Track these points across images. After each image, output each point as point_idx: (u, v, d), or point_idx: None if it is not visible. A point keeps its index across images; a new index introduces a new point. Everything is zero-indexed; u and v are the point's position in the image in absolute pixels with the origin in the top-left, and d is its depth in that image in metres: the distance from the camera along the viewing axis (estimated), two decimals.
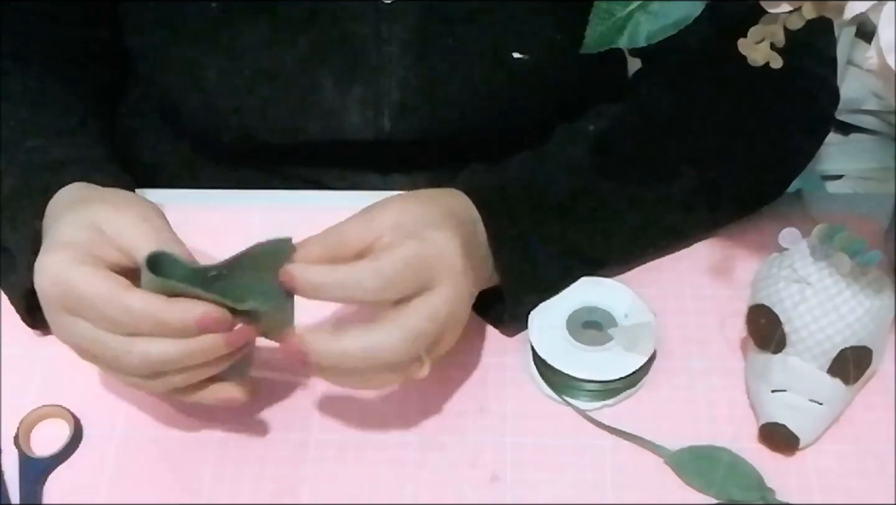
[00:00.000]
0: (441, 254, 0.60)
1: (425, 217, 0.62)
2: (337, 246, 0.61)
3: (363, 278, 0.58)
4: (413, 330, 0.59)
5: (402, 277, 0.59)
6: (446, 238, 0.61)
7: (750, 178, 0.76)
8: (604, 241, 0.71)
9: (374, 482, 0.63)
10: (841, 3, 0.52)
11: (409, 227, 0.61)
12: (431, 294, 0.60)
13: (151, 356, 0.57)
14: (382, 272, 0.58)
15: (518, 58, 0.77)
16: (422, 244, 0.60)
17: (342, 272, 0.59)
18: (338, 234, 0.62)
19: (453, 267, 0.61)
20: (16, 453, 0.65)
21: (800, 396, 0.63)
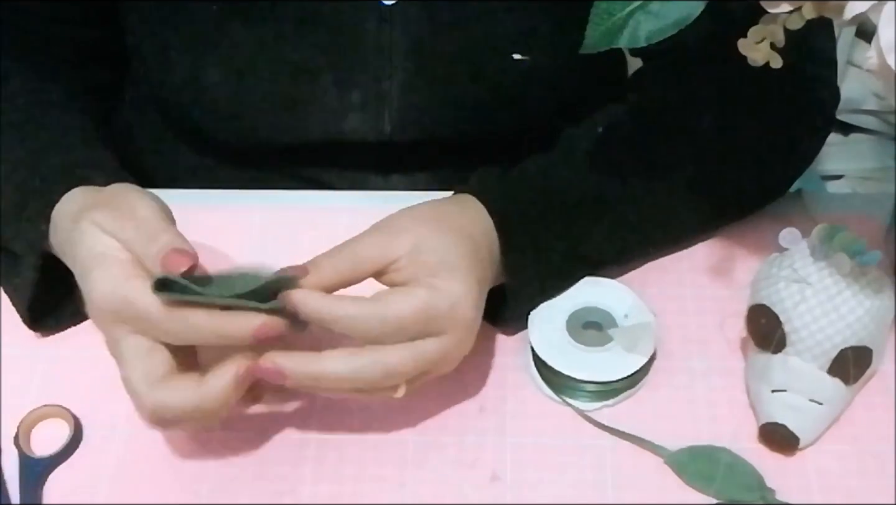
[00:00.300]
0: (453, 308, 0.59)
1: (444, 252, 0.61)
2: (350, 270, 0.60)
3: (367, 323, 0.58)
4: (395, 369, 0.59)
5: (406, 327, 0.59)
6: (463, 289, 0.60)
7: (752, 179, 0.76)
8: (610, 244, 0.71)
9: (374, 482, 0.63)
10: (841, 3, 0.52)
11: (426, 260, 0.60)
12: (431, 340, 0.60)
13: (162, 411, 0.58)
14: (386, 321, 0.58)
15: (518, 59, 0.77)
16: (433, 295, 0.59)
17: (346, 310, 0.58)
18: (352, 256, 0.61)
19: (463, 321, 0.60)
20: (16, 453, 0.65)
21: (800, 396, 0.63)
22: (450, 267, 0.60)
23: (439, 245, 0.61)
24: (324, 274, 0.59)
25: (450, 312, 0.59)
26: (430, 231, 0.62)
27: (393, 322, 0.58)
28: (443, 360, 0.61)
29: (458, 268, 0.60)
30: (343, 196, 0.82)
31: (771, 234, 0.65)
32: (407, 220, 0.63)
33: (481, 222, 0.66)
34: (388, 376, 0.59)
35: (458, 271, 0.60)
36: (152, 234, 0.59)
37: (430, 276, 0.60)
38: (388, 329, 0.58)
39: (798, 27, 0.55)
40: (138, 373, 0.58)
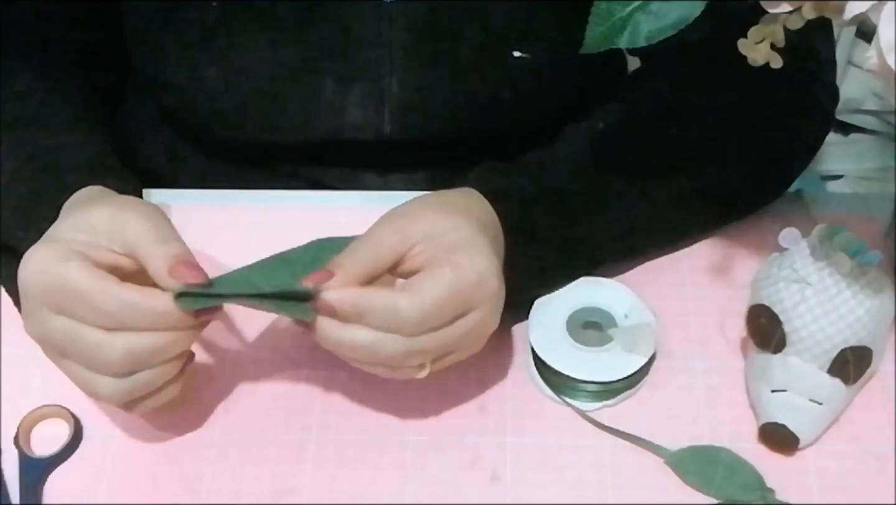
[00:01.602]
0: (480, 281, 0.59)
1: (458, 231, 0.61)
2: (374, 264, 0.60)
3: (406, 315, 0.57)
4: (421, 348, 0.59)
5: (442, 310, 0.58)
6: (485, 261, 0.60)
7: (750, 178, 0.76)
8: (608, 239, 0.71)
9: (374, 482, 0.63)
10: (841, 3, 0.52)
11: (442, 241, 0.60)
12: (463, 319, 0.60)
13: (135, 347, 0.57)
14: (424, 307, 0.58)
15: (518, 57, 0.77)
16: (458, 272, 0.59)
17: (382, 302, 0.58)
18: (372, 249, 0.60)
19: (491, 292, 0.60)
20: (16, 453, 0.65)
21: (800, 396, 0.63)
22: (467, 243, 0.60)
23: (453, 226, 0.61)
24: (350, 273, 0.59)
25: (478, 285, 0.59)
26: (442, 216, 0.62)
27: (430, 308, 0.58)
28: (469, 337, 0.61)
29: (475, 243, 0.61)
30: (343, 196, 0.82)
31: (771, 234, 0.65)
32: (416, 207, 0.63)
33: (487, 210, 0.66)
34: (409, 355, 0.59)
35: (476, 246, 0.60)
36: (165, 238, 0.59)
37: (450, 254, 0.60)
38: (425, 317, 0.58)
39: (798, 27, 0.55)
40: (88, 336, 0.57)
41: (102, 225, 0.59)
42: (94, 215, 0.60)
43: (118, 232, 0.59)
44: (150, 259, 0.58)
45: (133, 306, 0.56)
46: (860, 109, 1.71)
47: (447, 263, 0.59)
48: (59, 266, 0.57)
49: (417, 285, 0.58)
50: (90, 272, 0.57)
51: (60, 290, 0.57)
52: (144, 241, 0.58)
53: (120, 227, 0.59)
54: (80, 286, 0.56)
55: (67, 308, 0.57)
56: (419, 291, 0.58)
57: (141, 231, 0.59)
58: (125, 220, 0.59)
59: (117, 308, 0.56)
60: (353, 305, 0.57)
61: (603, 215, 0.70)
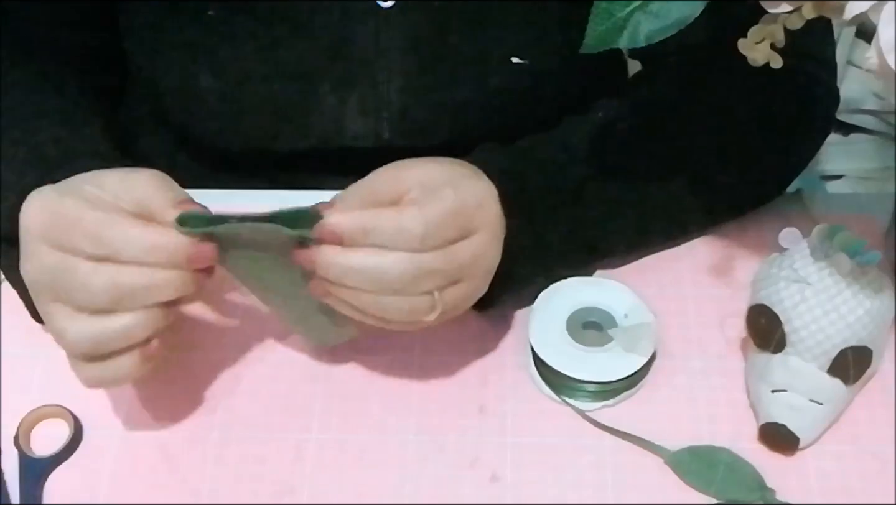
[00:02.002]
0: (481, 204, 0.61)
1: (454, 171, 0.62)
2: (369, 198, 0.60)
3: (411, 227, 0.57)
4: (424, 266, 0.58)
5: (445, 224, 0.58)
6: (486, 187, 0.62)
7: (750, 177, 0.76)
8: (607, 224, 0.71)
9: (374, 482, 0.63)
10: (841, 3, 0.52)
11: (437, 181, 0.61)
12: (462, 242, 0.60)
13: (121, 279, 0.56)
14: (428, 219, 0.58)
15: (517, 62, 0.77)
16: (460, 193, 0.60)
17: (387, 217, 0.58)
18: (368, 188, 0.61)
19: (492, 216, 0.61)
20: (16, 453, 0.65)
21: (800, 396, 0.63)
22: (467, 174, 0.62)
23: (447, 170, 0.62)
24: (349, 205, 0.59)
25: (479, 208, 0.60)
26: (437, 165, 0.62)
27: (434, 220, 0.58)
28: (474, 264, 0.61)
29: (475, 174, 0.62)
30: None
31: (771, 234, 0.65)
32: (413, 160, 0.63)
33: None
34: (417, 277, 0.58)
35: (477, 175, 0.62)
36: (176, 193, 0.60)
37: (449, 182, 0.60)
38: (429, 229, 0.58)
39: (798, 27, 0.55)
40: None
41: (111, 184, 0.59)
42: (103, 176, 0.60)
43: (127, 190, 0.59)
44: (160, 210, 0.58)
45: (125, 233, 0.56)
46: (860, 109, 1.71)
47: (448, 185, 0.60)
48: (58, 199, 0.57)
49: (420, 202, 0.58)
50: (88, 204, 0.57)
51: (58, 221, 0.56)
52: (156, 196, 0.58)
53: (129, 186, 0.59)
54: (77, 214, 0.56)
55: (64, 240, 0.56)
56: (423, 206, 0.58)
57: (151, 188, 0.59)
58: (135, 179, 0.59)
59: (110, 235, 0.56)
60: (358, 222, 0.57)
61: (602, 199, 0.70)
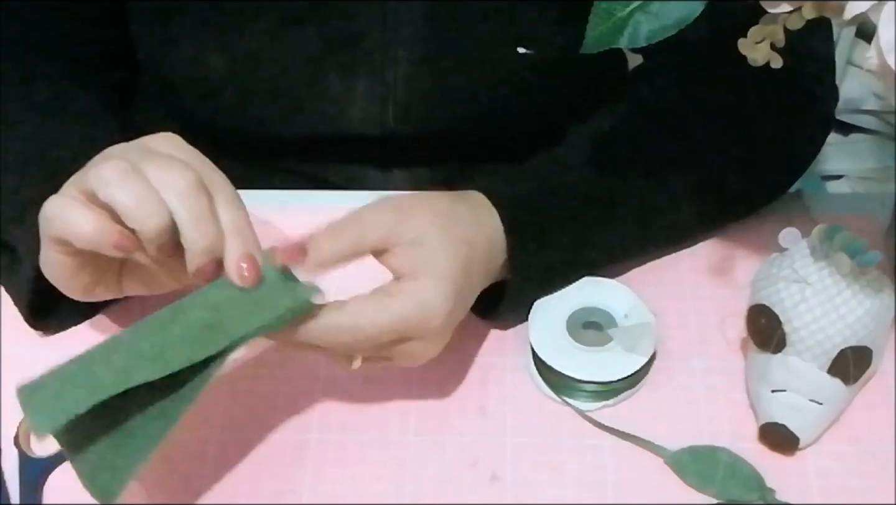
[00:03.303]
0: (424, 317, 0.60)
1: (438, 254, 0.61)
2: (352, 251, 0.60)
3: (340, 334, 0.58)
4: (355, 348, 0.60)
5: (376, 337, 0.59)
6: (437, 300, 0.60)
7: (751, 179, 0.76)
8: (612, 245, 0.71)
9: (374, 482, 0.63)
10: (841, 3, 0.52)
11: (418, 254, 0.60)
12: (400, 344, 0.61)
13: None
14: (357, 332, 0.58)
15: (523, 53, 0.77)
16: (404, 306, 0.59)
17: (321, 320, 0.58)
18: (356, 236, 0.60)
19: (433, 328, 0.60)
20: (16, 453, 0.65)
21: (800, 396, 0.63)
22: (434, 272, 0.60)
23: (438, 247, 0.61)
24: (323, 256, 0.59)
25: (420, 321, 0.60)
26: (437, 229, 0.61)
27: (363, 333, 0.59)
28: (404, 357, 0.62)
29: (442, 275, 0.60)
30: (343, 196, 0.82)
31: (771, 234, 0.65)
32: (422, 207, 0.62)
33: (487, 225, 0.65)
34: (338, 355, 0.60)
35: (441, 280, 0.60)
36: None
37: (412, 277, 0.60)
38: (361, 338, 0.59)
39: (798, 27, 0.55)
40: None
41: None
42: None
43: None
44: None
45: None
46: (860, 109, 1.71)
47: (397, 293, 0.59)
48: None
49: (360, 308, 0.58)
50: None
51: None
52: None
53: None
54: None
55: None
56: (359, 314, 0.58)
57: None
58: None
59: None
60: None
61: (606, 219, 0.70)
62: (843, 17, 0.52)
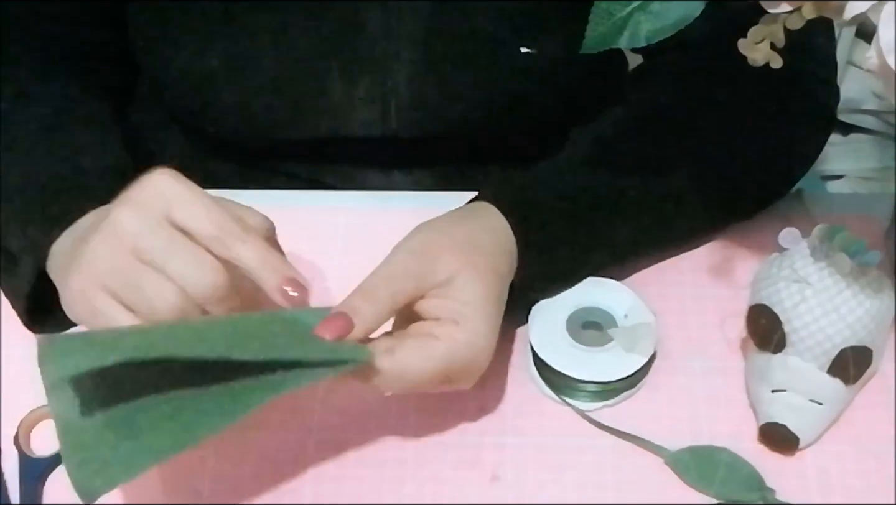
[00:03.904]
0: (473, 361, 0.60)
1: (474, 290, 0.60)
2: (391, 309, 0.59)
3: (386, 380, 0.58)
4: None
5: (424, 382, 0.59)
6: (484, 338, 0.60)
7: (753, 180, 0.76)
8: (616, 248, 0.71)
9: (374, 482, 0.63)
10: (841, 3, 0.52)
11: (456, 295, 0.60)
12: (443, 384, 0.61)
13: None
14: (405, 379, 0.59)
15: (526, 52, 0.77)
16: (451, 351, 0.59)
17: (379, 364, 0.58)
18: (390, 295, 0.59)
19: (478, 369, 0.61)
20: (16, 453, 0.65)
21: (800, 396, 0.63)
22: (473, 314, 0.60)
23: (469, 285, 0.60)
24: (369, 325, 0.58)
25: (466, 364, 0.60)
26: (464, 266, 0.61)
27: (412, 380, 0.59)
28: (448, 387, 0.62)
29: (481, 315, 0.60)
30: (343, 196, 0.82)
31: (771, 234, 0.65)
32: (443, 245, 0.62)
33: (505, 244, 0.65)
34: (394, 393, 0.61)
35: (481, 320, 0.60)
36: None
37: (453, 321, 0.59)
38: (409, 385, 0.59)
39: (798, 27, 0.55)
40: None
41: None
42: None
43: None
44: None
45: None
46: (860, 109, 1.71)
47: (444, 337, 0.59)
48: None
49: (407, 357, 0.58)
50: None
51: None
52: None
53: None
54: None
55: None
56: (407, 363, 0.58)
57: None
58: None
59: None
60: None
61: (611, 221, 0.70)
62: (843, 17, 0.52)
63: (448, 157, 0.83)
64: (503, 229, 0.65)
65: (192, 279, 0.55)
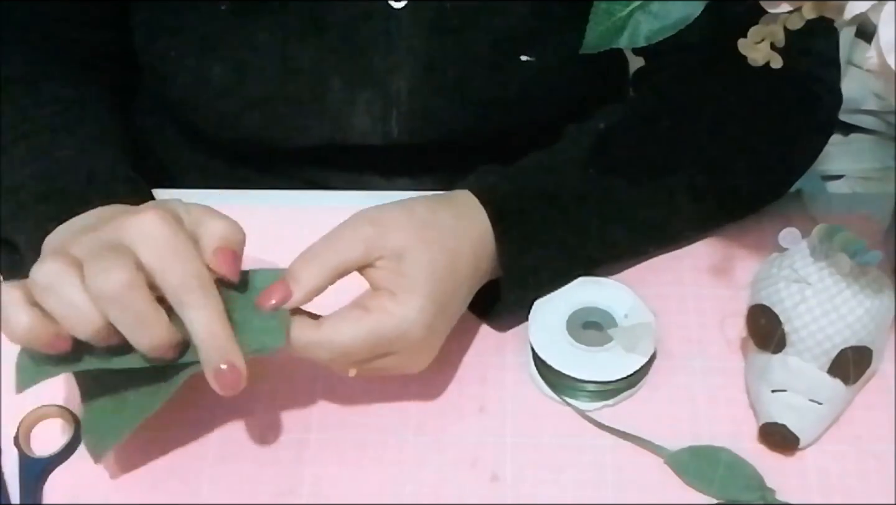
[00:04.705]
0: (402, 333, 0.60)
1: (417, 266, 0.60)
2: (333, 275, 0.60)
3: (316, 349, 0.59)
4: (336, 367, 0.61)
5: (352, 353, 0.60)
6: (414, 314, 0.60)
7: (751, 179, 0.76)
8: (607, 242, 0.71)
9: (374, 482, 0.63)
10: (841, 3, 0.52)
11: (398, 268, 0.60)
12: (380, 358, 0.61)
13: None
14: (334, 349, 0.59)
15: (525, 60, 0.77)
16: (380, 322, 0.59)
17: (301, 334, 0.59)
18: (336, 262, 0.60)
19: (411, 342, 0.61)
20: (16, 453, 0.65)
21: (800, 396, 0.63)
22: (413, 287, 0.60)
23: (417, 261, 0.61)
24: (307, 290, 0.59)
25: (398, 337, 0.60)
26: (417, 241, 0.61)
27: (339, 349, 0.59)
28: (393, 368, 0.62)
29: (421, 290, 0.60)
30: (343, 196, 0.82)
31: (771, 234, 0.65)
32: (400, 218, 0.62)
33: (474, 227, 0.65)
34: (327, 364, 0.61)
35: (419, 294, 0.60)
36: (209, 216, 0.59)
37: (389, 292, 0.60)
38: (336, 355, 0.60)
39: (798, 27, 0.55)
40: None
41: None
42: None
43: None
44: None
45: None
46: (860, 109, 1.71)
47: (375, 309, 0.59)
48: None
49: (336, 326, 0.59)
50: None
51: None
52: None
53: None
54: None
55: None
56: (335, 332, 0.59)
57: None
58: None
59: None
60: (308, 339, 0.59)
61: (603, 217, 0.70)
62: (843, 17, 0.52)
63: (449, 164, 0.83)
64: (477, 218, 0.65)
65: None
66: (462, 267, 0.63)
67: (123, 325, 0.54)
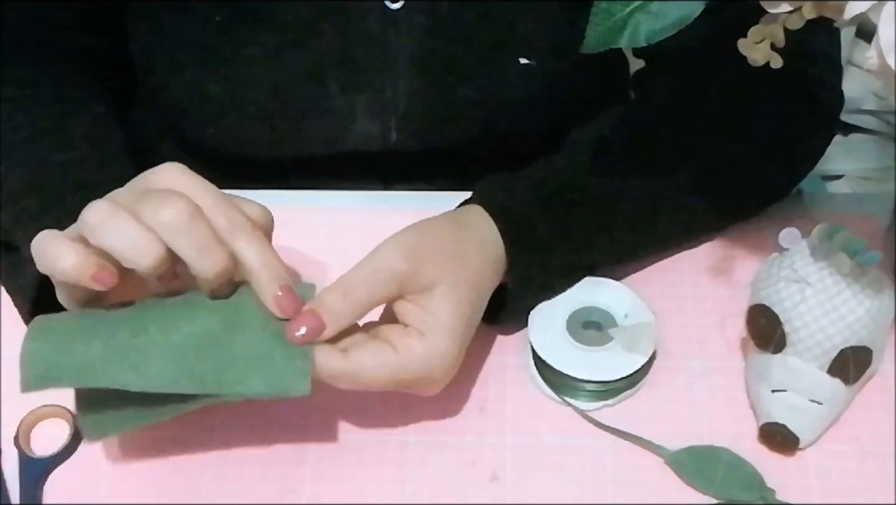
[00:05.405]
0: (426, 369, 0.60)
1: (446, 305, 0.60)
2: (365, 308, 0.60)
3: (340, 380, 0.59)
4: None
5: (377, 386, 0.60)
6: (440, 352, 0.60)
7: (753, 181, 0.75)
8: (612, 248, 0.71)
9: (374, 482, 0.63)
10: (841, 3, 0.52)
11: (427, 305, 0.60)
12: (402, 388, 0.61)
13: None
14: (358, 381, 0.59)
15: (525, 63, 0.77)
16: (405, 360, 0.59)
17: (328, 363, 0.59)
18: (367, 296, 0.60)
19: (433, 379, 0.61)
20: (16, 453, 0.65)
21: (800, 396, 0.63)
22: (440, 330, 0.60)
23: (446, 299, 0.61)
24: (340, 324, 0.59)
25: (421, 377, 0.60)
26: (447, 276, 0.61)
27: (363, 384, 0.59)
28: (414, 393, 0.63)
29: (448, 333, 0.60)
30: (343, 196, 0.82)
31: (771, 234, 0.65)
32: (434, 251, 0.62)
33: (493, 251, 0.65)
34: (351, 388, 0.61)
35: (446, 337, 0.60)
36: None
37: (418, 332, 0.60)
38: (358, 387, 0.60)
39: (798, 27, 0.55)
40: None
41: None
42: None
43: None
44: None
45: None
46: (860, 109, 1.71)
47: (403, 349, 0.59)
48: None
49: (363, 362, 0.59)
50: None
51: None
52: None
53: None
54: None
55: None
56: (361, 367, 0.59)
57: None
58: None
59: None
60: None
61: (607, 222, 0.70)
62: (843, 17, 0.52)
63: (449, 169, 0.83)
64: (492, 238, 0.65)
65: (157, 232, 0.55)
66: (483, 297, 0.64)
67: (188, 252, 0.55)
